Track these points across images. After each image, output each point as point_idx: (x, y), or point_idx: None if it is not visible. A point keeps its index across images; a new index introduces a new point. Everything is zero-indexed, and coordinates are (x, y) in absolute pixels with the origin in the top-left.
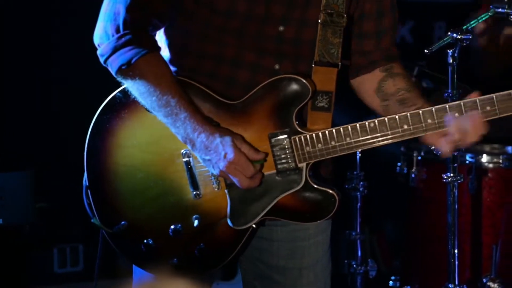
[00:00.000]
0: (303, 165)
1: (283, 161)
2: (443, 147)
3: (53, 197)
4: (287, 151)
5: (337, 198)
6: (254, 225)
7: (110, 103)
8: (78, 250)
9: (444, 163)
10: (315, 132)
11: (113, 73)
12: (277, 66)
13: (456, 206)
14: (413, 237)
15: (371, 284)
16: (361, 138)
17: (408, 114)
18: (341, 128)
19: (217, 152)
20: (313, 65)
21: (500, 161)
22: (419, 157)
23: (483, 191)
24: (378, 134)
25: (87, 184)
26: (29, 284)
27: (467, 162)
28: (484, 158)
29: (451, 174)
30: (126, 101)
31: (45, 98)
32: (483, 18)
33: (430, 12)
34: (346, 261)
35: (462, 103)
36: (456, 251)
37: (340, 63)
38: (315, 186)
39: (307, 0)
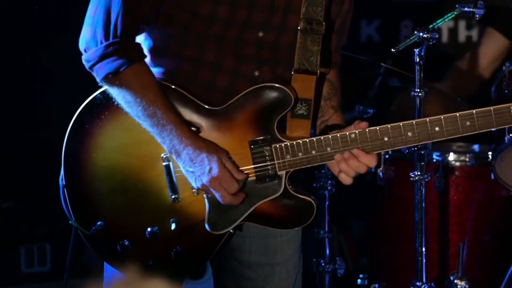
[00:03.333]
0: (282, 173)
1: (263, 168)
2: (341, 177)
3: (19, 196)
4: (268, 159)
5: (314, 206)
6: (231, 230)
7: (90, 104)
8: (46, 249)
9: (411, 161)
10: (296, 141)
11: (98, 80)
12: (256, 73)
13: (423, 204)
14: (381, 235)
15: (339, 282)
16: (341, 149)
17: (389, 126)
18: (322, 138)
19: (202, 166)
20: (292, 73)
21: (467, 159)
22: (387, 156)
23: (450, 189)
24: (359, 145)
25: (64, 183)
26: None
27: (434, 160)
28: (451, 157)
29: (418, 173)
30: (106, 103)
31: (10, 97)
32: (450, 17)
33: (396, 11)
34: (314, 259)
35: (442, 117)
36: (423, 249)
37: (318, 71)
38: (294, 193)
39: (287, 6)
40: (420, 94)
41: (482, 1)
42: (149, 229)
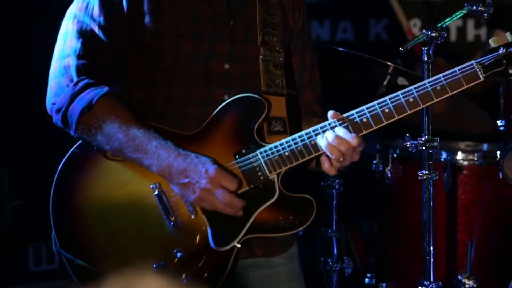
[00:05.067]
0: (274, 176)
1: (253, 176)
2: (327, 168)
3: (28, 195)
4: (256, 165)
5: (314, 202)
6: (238, 245)
7: (69, 160)
8: None
9: (419, 160)
10: (280, 141)
11: (73, 127)
12: (226, 97)
13: (432, 203)
14: (389, 234)
15: (347, 281)
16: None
17: (365, 106)
18: (304, 132)
19: (197, 171)
20: (262, 95)
21: (475, 158)
22: (395, 155)
23: (458, 188)
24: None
25: (58, 247)
26: (4, 283)
27: (442, 159)
28: (459, 156)
29: (426, 172)
30: (84, 154)
31: (17, 95)
32: (458, 16)
33: (405, 10)
34: (322, 258)
35: (413, 88)
36: (431, 248)
37: (286, 93)
38: (290, 194)
39: (245, 36)
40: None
41: (491, 0)
42: (155, 266)
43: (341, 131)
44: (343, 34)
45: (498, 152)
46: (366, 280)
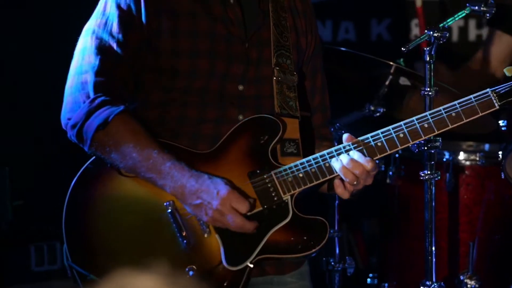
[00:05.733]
0: (287, 197)
1: (267, 196)
2: (340, 191)
3: (29, 194)
4: (270, 186)
5: (327, 224)
6: (251, 265)
7: (82, 176)
8: (56, 248)
9: (421, 160)
10: (294, 163)
11: (87, 144)
12: (240, 117)
13: (434, 204)
14: (391, 234)
15: (349, 281)
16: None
17: (380, 131)
18: (318, 154)
19: (209, 192)
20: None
21: (477, 158)
22: (397, 155)
23: (460, 188)
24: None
25: (70, 262)
26: (6, 283)
27: (444, 159)
28: (461, 156)
29: (428, 172)
30: (97, 171)
31: (18, 95)
32: (460, 16)
33: (407, 10)
34: (324, 258)
35: (428, 114)
36: (433, 248)
37: (299, 115)
38: (303, 216)
39: (259, 58)
40: (430, 93)
41: (493, 0)
42: None
43: (355, 154)
44: (345, 34)
45: (500, 152)
46: (368, 280)
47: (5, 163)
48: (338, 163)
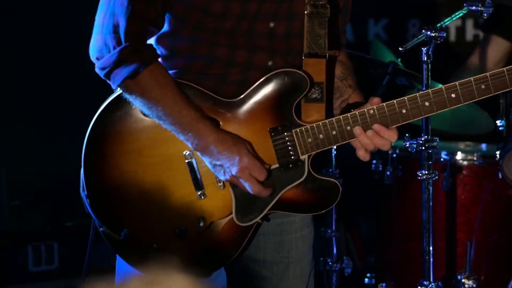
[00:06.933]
0: (305, 157)
1: (285, 155)
2: (361, 155)
3: (27, 195)
4: (289, 144)
5: (339, 187)
6: (259, 220)
7: (107, 109)
8: (53, 248)
9: (419, 160)
10: (316, 123)
11: (115, 86)
12: (270, 63)
13: (431, 203)
14: (388, 234)
15: (346, 281)
16: (361, 126)
17: (406, 98)
18: (341, 117)
19: (231, 157)
20: (303, 57)
21: (475, 158)
22: (394, 155)
23: (458, 188)
24: (378, 120)
25: (86, 193)
26: (4, 283)
27: (441, 159)
28: (459, 156)
29: (426, 172)
30: (123, 107)
31: (16, 96)
32: (457, 16)
33: (404, 10)
34: (321, 258)
35: (457, 84)
36: (431, 248)
37: (327, 54)
38: (318, 176)
39: None
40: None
41: (490, 0)
42: (177, 230)
43: (377, 126)
44: None
45: (498, 152)
46: (366, 280)
47: (2, 163)
48: (360, 132)
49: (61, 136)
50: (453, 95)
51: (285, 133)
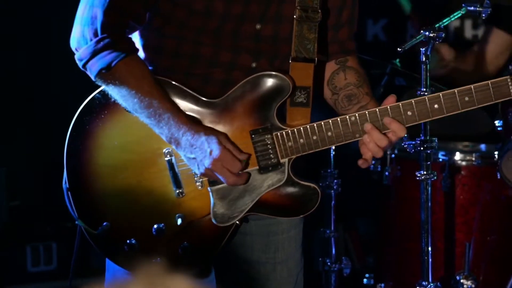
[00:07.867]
0: (285, 160)
1: (265, 157)
2: (365, 154)
3: (26, 195)
4: (269, 147)
5: (319, 192)
6: (237, 222)
7: (89, 105)
8: (52, 248)
9: (418, 161)
10: (297, 128)
11: (93, 77)
12: (254, 65)
13: (430, 204)
14: (387, 234)
15: (345, 281)
16: (342, 132)
17: (388, 106)
18: (322, 123)
19: (203, 150)
20: (290, 61)
21: (473, 158)
22: (393, 155)
23: (457, 188)
24: (359, 128)
25: (67, 186)
26: (2, 283)
27: (440, 160)
28: (457, 156)
29: (425, 172)
30: (105, 102)
31: (15, 96)
32: (456, 16)
33: (403, 10)
34: (320, 258)
35: (441, 95)
36: (429, 248)
37: (316, 59)
38: (298, 181)
39: None
40: (426, 94)
41: (488, 0)
42: (155, 226)
43: (375, 133)
44: None
45: (496, 153)
46: (365, 280)
47: (2, 163)
48: (371, 128)
49: (61, 136)
50: (436, 106)
51: (266, 136)
